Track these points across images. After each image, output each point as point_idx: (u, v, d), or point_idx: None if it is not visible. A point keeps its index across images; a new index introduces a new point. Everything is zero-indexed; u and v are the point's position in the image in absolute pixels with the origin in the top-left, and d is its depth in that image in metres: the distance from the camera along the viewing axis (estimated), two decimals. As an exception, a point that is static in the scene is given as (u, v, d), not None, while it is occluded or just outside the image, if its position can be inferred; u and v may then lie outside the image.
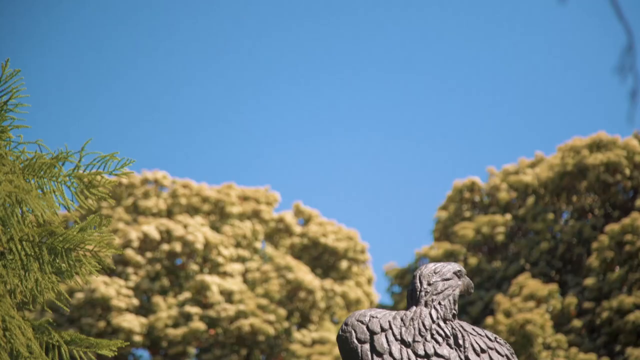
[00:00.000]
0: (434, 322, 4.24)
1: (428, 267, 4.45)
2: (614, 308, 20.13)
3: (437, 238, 27.18)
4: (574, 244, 24.14)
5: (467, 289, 4.52)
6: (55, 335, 4.15)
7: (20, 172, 4.01)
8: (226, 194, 31.24)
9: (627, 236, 20.75)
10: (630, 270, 20.76)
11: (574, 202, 24.93)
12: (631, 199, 23.95)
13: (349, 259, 32.04)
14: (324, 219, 32.72)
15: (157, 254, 28.81)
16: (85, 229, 4.08)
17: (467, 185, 27.55)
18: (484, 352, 4.24)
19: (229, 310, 27.47)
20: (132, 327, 26.64)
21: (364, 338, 4.14)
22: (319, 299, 29.09)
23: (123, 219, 29.51)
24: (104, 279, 27.21)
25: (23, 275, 3.99)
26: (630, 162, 23.74)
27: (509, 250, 25.75)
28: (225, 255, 29.41)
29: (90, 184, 4.20)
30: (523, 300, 20.54)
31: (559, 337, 19.74)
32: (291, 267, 28.97)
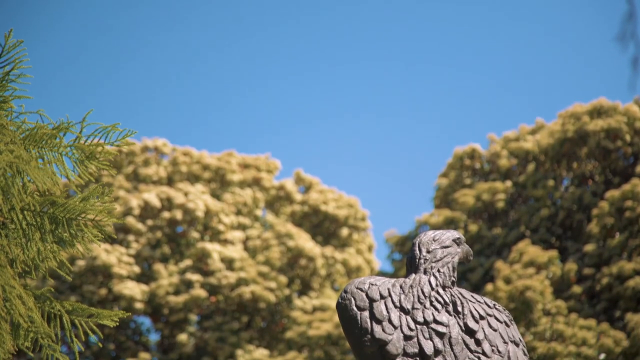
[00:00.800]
0: (433, 289, 4.26)
1: (427, 234, 4.47)
2: (613, 274, 20.19)
3: (437, 205, 27.20)
4: (574, 210, 24.17)
5: (466, 256, 4.54)
6: (56, 305, 4.17)
7: (21, 142, 4.02)
8: (227, 162, 31.25)
9: (628, 202, 20.76)
10: (631, 237, 20.80)
11: (574, 168, 24.94)
12: (631, 165, 23.95)
13: (350, 227, 32.09)
14: (325, 187, 32.74)
15: (157, 222, 28.86)
16: (87, 199, 4.09)
17: (468, 152, 27.54)
18: (482, 319, 4.26)
19: (230, 278, 27.56)
20: (133, 294, 26.73)
21: (363, 305, 4.16)
22: (320, 267, 29.17)
23: (123, 186, 29.53)
24: (105, 247, 27.28)
25: (24, 245, 4.00)
26: (631, 128, 23.72)
27: (509, 217, 25.78)
28: (226, 223, 29.46)
29: (91, 155, 4.21)
30: (523, 267, 20.60)
31: (558, 303, 19.81)
32: (292, 235, 29.02)
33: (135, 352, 27.61)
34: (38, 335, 4.07)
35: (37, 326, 4.00)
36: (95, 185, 4.10)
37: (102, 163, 4.21)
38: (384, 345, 4.08)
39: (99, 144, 4.20)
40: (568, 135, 24.21)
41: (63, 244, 4.10)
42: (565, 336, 19.17)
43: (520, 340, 4.36)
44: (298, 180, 33.01)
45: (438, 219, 25.23)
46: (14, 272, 3.98)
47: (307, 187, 32.90)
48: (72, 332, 4.18)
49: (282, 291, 28.20)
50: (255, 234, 30.20)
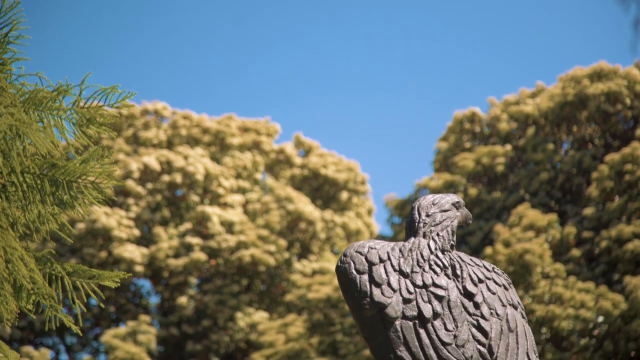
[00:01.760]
0: (432, 253, 4.27)
1: (427, 198, 4.48)
2: (612, 237, 20.22)
3: (437, 169, 27.20)
4: (573, 174, 24.17)
5: (465, 220, 4.55)
6: (57, 267, 4.18)
7: (21, 105, 4.01)
8: (226, 125, 31.21)
9: (627, 166, 20.76)
10: (630, 200, 20.81)
11: (574, 132, 24.91)
12: (631, 128, 23.92)
13: (349, 190, 32.11)
14: (324, 151, 32.73)
15: (157, 185, 28.87)
16: (87, 161, 4.09)
17: (468, 116, 27.50)
18: (481, 282, 4.27)
19: (230, 241, 27.62)
20: (133, 257, 26.81)
21: (362, 269, 4.17)
22: (319, 230, 29.22)
23: (123, 150, 29.52)
24: (105, 210, 27.31)
25: (25, 207, 4.01)
26: (631, 91, 23.67)
27: (509, 180, 25.79)
28: (225, 187, 29.48)
29: (91, 118, 4.20)
30: (522, 231, 20.63)
31: (557, 266, 19.85)
32: (291, 198, 29.05)
33: (135, 314, 27.73)
34: (40, 296, 4.08)
35: (39, 287, 4.01)
36: (95, 148, 4.10)
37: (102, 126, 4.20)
38: (383, 308, 4.10)
39: (99, 107, 4.19)
40: (568, 99, 24.17)
41: (63, 206, 4.10)
42: (564, 299, 19.24)
43: (518, 303, 4.38)
44: (298, 144, 32.98)
45: (438, 183, 25.24)
46: (15, 235, 3.99)
47: (307, 151, 32.89)
48: (73, 293, 4.20)
49: (282, 254, 28.27)
50: (255, 197, 30.22)
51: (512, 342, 4.21)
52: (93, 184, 4.10)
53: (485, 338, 4.15)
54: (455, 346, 4.08)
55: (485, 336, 4.16)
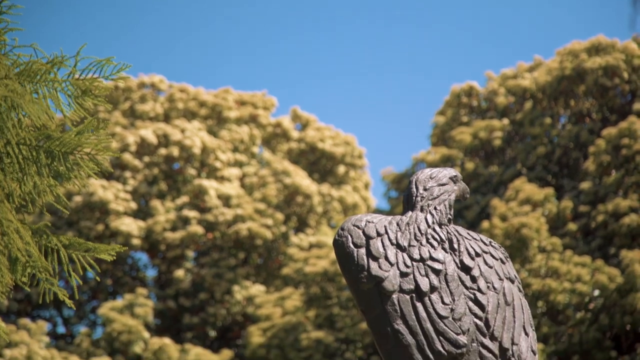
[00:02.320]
0: (429, 226, 4.27)
1: (424, 172, 4.47)
2: (609, 211, 20.24)
3: (434, 143, 27.19)
4: (570, 148, 24.17)
5: (463, 194, 4.54)
6: (53, 239, 4.18)
7: (16, 76, 3.98)
8: (223, 99, 31.16)
9: (624, 140, 20.75)
10: (627, 174, 20.82)
11: (571, 106, 24.89)
12: (629, 102, 23.90)
13: (346, 164, 32.11)
14: (322, 124, 32.69)
15: (154, 158, 28.85)
16: (83, 132, 4.07)
17: (465, 90, 27.46)
18: (478, 256, 4.28)
19: (227, 215, 27.63)
20: (130, 230, 26.82)
21: (360, 242, 4.17)
22: (316, 204, 29.24)
23: (120, 123, 29.48)
24: (102, 183, 27.31)
25: (21, 179, 4.00)
26: (629, 65, 23.63)
27: (506, 154, 25.79)
28: (222, 160, 29.46)
29: (86, 90, 4.18)
30: (519, 205, 20.65)
31: (554, 240, 19.88)
32: (288, 172, 29.04)
33: (132, 287, 27.79)
34: (36, 269, 4.08)
35: (35, 260, 4.01)
36: (90, 119, 4.08)
37: (97, 98, 4.18)
38: (380, 281, 4.10)
39: (94, 79, 4.16)
40: (566, 73, 24.13)
41: (60, 179, 4.09)
42: (560, 273, 19.29)
43: (515, 277, 4.38)
44: (295, 118, 32.94)
45: (435, 157, 25.24)
46: (11, 207, 3.98)
47: (304, 125, 32.85)
48: (69, 266, 4.19)
49: (279, 228, 28.29)
50: (252, 171, 30.21)
51: (508, 316, 4.22)
52: (89, 156, 4.09)
53: (482, 311, 4.16)
54: (452, 319, 4.09)
55: (482, 310, 4.16)
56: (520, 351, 4.18)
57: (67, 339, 27.87)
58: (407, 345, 4.02)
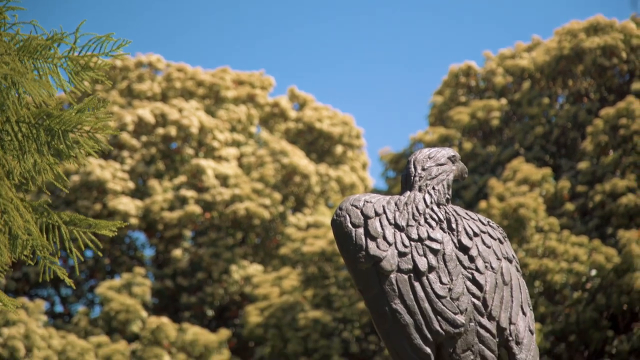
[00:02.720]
0: (427, 206, 4.27)
1: (422, 152, 4.47)
2: (606, 191, 20.25)
3: (432, 123, 27.16)
4: (568, 128, 24.16)
5: (461, 173, 4.54)
6: (54, 216, 4.17)
7: (15, 53, 3.97)
8: (221, 78, 31.10)
9: (622, 120, 20.74)
10: (624, 154, 20.82)
11: (569, 86, 24.86)
12: (627, 82, 23.87)
13: (344, 144, 32.09)
14: (319, 104, 32.65)
15: (152, 138, 28.83)
16: (83, 111, 4.07)
17: (463, 70, 27.42)
18: (476, 236, 4.28)
19: (225, 194, 27.63)
20: (128, 210, 26.82)
21: (358, 222, 4.17)
22: (314, 184, 29.24)
23: (117, 102, 29.44)
24: (100, 162, 27.29)
25: (21, 157, 3.99)
26: (627, 45, 23.59)
27: (504, 134, 25.78)
28: (220, 140, 29.44)
29: (85, 66, 4.17)
30: (517, 185, 20.66)
31: (551, 220, 19.91)
32: (286, 152, 29.03)
33: (130, 266, 27.82)
34: (36, 247, 4.08)
35: (35, 238, 4.01)
36: (90, 97, 4.07)
37: (97, 74, 4.17)
38: (378, 261, 4.11)
39: (94, 55, 4.15)
40: (564, 53, 24.09)
41: (59, 157, 4.08)
42: (557, 253, 19.32)
43: (513, 257, 4.39)
44: (292, 97, 32.89)
45: (433, 137, 25.22)
46: (11, 184, 3.97)
47: (302, 104, 32.81)
48: (70, 243, 4.19)
49: (276, 208, 28.30)
50: (250, 150, 30.20)
51: (506, 295, 4.23)
52: (89, 134, 4.08)
53: (479, 291, 4.17)
54: (449, 299, 4.10)
55: (479, 289, 4.17)
56: (518, 330, 4.19)
57: (65, 318, 27.93)
58: (405, 324, 4.03)
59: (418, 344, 4.01)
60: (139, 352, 24.33)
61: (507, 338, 4.17)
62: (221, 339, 24.60)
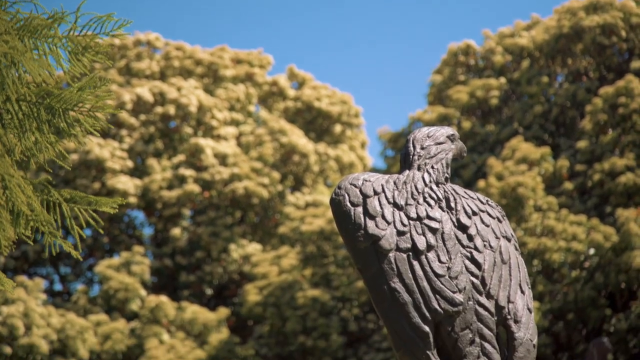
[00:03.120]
0: (426, 185, 4.27)
1: (421, 131, 4.46)
2: (605, 170, 20.25)
3: (431, 102, 27.13)
4: (567, 107, 24.14)
5: (460, 152, 4.54)
6: (54, 194, 4.18)
7: (16, 32, 3.96)
8: (219, 57, 31.04)
9: (621, 99, 20.71)
10: (623, 133, 20.80)
11: (569, 64, 24.83)
12: (626, 61, 23.83)
13: (343, 123, 32.06)
14: (318, 83, 32.60)
15: (150, 117, 28.80)
16: (83, 89, 4.06)
17: (462, 49, 27.37)
18: (475, 215, 4.28)
19: (223, 173, 27.63)
20: (126, 188, 26.83)
21: (356, 201, 4.17)
22: (313, 163, 29.24)
23: (116, 81, 29.39)
24: (98, 141, 27.28)
25: (21, 135, 3.99)
26: (627, 23, 23.53)
27: (503, 113, 25.76)
28: (219, 119, 29.42)
29: (86, 46, 4.16)
30: (515, 164, 20.65)
31: (550, 199, 19.91)
32: (285, 131, 29.00)
33: (129, 245, 27.85)
34: (38, 223, 4.08)
35: (37, 214, 4.01)
36: (91, 76, 4.07)
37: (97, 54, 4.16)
38: (377, 240, 4.11)
39: (94, 35, 4.14)
40: (563, 31, 24.04)
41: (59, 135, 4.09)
42: (556, 231, 19.34)
43: (512, 236, 4.39)
44: (291, 76, 32.84)
45: (431, 116, 25.21)
46: (12, 162, 3.98)
47: (300, 83, 32.76)
48: (71, 220, 4.19)
49: (275, 187, 28.31)
50: (248, 129, 30.18)
51: (504, 274, 4.23)
52: (89, 113, 4.08)
53: (478, 270, 4.17)
54: (448, 278, 4.11)
55: (478, 268, 4.18)
56: (516, 309, 4.20)
57: (64, 297, 27.99)
58: (404, 303, 4.03)
59: (416, 323, 4.02)
60: (137, 330, 24.40)
61: (505, 316, 4.18)
62: (220, 317, 24.66)
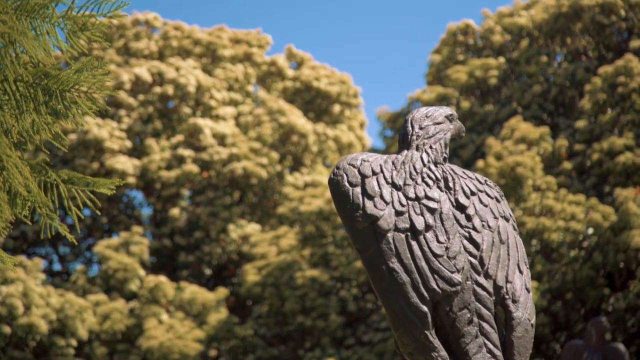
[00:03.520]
0: (424, 165, 4.26)
1: (420, 111, 4.45)
2: (604, 150, 20.24)
3: (430, 82, 27.10)
4: (566, 86, 24.11)
5: (458, 132, 4.53)
6: (52, 175, 4.17)
7: (13, 12, 3.94)
8: (217, 37, 30.97)
9: (620, 78, 20.68)
10: (622, 112, 20.79)
11: (568, 44, 24.78)
12: (625, 40, 23.79)
13: (342, 103, 32.02)
14: (317, 63, 32.54)
15: (149, 97, 28.76)
16: (81, 71, 4.05)
17: (461, 28, 27.31)
18: (473, 195, 4.28)
19: (222, 154, 27.62)
20: (125, 168, 26.82)
21: (355, 181, 4.16)
22: (312, 143, 29.22)
23: (114, 60, 29.33)
24: (97, 121, 27.25)
25: (18, 116, 3.98)
26: (626, 3, 23.47)
27: (502, 93, 25.74)
28: (217, 99, 29.37)
29: (83, 26, 4.14)
30: (514, 143, 20.64)
31: (548, 179, 19.92)
32: (284, 111, 28.97)
33: (128, 225, 27.87)
34: (35, 204, 4.08)
35: (34, 195, 4.01)
36: (89, 57, 4.06)
37: (94, 34, 4.15)
38: (375, 220, 4.11)
39: (92, 15, 4.13)
40: (562, 10, 23.98)
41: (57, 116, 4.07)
42: (555, 211, 19.35)
43: (510, 216, 4.39)
44: (290, 56, 32.78)
45: (430, 96, 25.18)
46: (10, 142, 3.97)
47: (299, 63, 32.70)
48: (69, 201, 4.19)
49: (274, 167, 28.31)
50: (247, 110, 30.14)
51: (503, 254, 4.23)
52: (86, 94, 4.07)
53: (476, 250, 4.17)
54: (446, 258, 4.10)
55: (476, 248, 4.17)
56: (515, 289, 4.21)
57: (63, 277, 28.02)
58: (402, 283, 4.03)
59: (415, 303, 4.02)
60: (137, 310, 24.45)
61: (503, 296, 4.18)
62: (219, 297, 24.71)
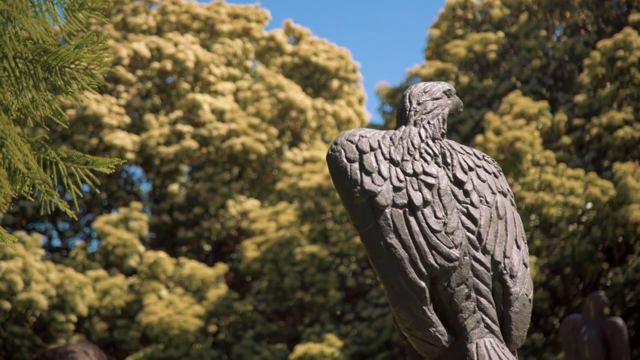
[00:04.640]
0: (422, 141, 4.26)
1: (418, 86, 4.45)
2: (603, 124, 20.24)
3: (428, 57, 27.06)
4: (565, 60, 24.08)
5: (457, 108, 4.52)
6: (51, 152, 4.17)
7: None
8: (216, 12, 30.89)
9: (619, 52, 20.65)
10: (621, 87, 20.76)
11: (567, 18, 24.73)
12: (624, 14, 23.74)
13: (340, 79, 31.98)
14: (315, 38, 32.47)
15: (147, 72, 28.71)
16: (80, 47, 4.04)
17: (460, 3, 27.25)
18: (471, 170, 4.28)
19: (221, 129, 27.61)
20: (124, 144, 26.82)
21: (353, 157, 4.16)
22: (310, 118, 29.20)
23: (112, 36, 29.26)
24: (96, 97, 27.21)
25: (18, 92, 3.98)
26: (625, -23, 23.45)
27: (501, 68, 25.70)
28: (216, 74, 29.33)
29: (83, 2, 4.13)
30: (513, 118, 20.64)
31: (547, 153, 19.93)
32: (282, 87, 28.93)
33: (127, 201, 27.89)
34: (35, 181, 4.08)
35: (34, 172, 4.01)
36: (88, 33, 4.05)
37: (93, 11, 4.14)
38: (373, 196, 4.11)
39: (90, -8, 4.12)
40: (562, -16, 23.94)
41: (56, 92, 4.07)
42: (553, 186, 19.37)
43: (508, 191, 4.39)
44: (288, 31, 32.70)
45: (429, 71, 25.14)
46: (9, 119, 3.97)
47: (298, 38, 32.63)
48: (68, 179, 4.19)
49: (273, 143, 28.30)
50: (246, 85, 30.10)
51: (501, 229, 4.24)
52: (86, 70, 4.06)
53: (474, 225, 4.18)
54: (444, 233, 4.11)
55: (474, 223, 4.18)
56: (512, 264, 4.21)
57: (62, 252, 28.07)
58: (400, 258, 4.04)
59: (413, 278, 4.03)
60: (136, 286, 24.51)
61: (501, 271, 4.19)
62: (218, 273, 24.76)
